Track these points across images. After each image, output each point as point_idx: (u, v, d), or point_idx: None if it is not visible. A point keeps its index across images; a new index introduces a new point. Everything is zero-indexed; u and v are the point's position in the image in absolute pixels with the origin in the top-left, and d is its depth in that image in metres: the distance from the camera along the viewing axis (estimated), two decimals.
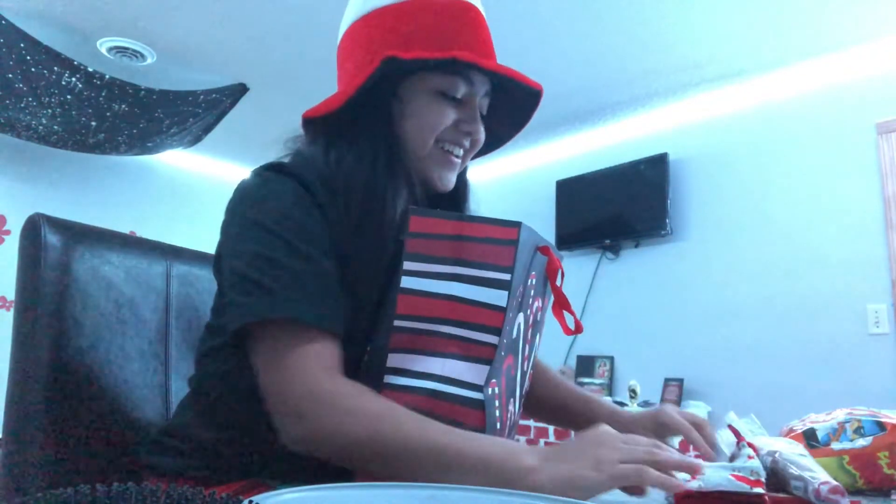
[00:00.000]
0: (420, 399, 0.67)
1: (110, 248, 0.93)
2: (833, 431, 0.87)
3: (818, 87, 3.07)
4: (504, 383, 0.71)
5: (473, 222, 0.68)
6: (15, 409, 0.80)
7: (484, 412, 0.66)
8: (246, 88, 3.21)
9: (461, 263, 0.68)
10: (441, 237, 0.68)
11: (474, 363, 0.68)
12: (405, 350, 0.68)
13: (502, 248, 0.67)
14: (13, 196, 3.75)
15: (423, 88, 0.78)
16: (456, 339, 0.68)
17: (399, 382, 0.68)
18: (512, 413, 0.76)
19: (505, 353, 0.70)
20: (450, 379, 0.67)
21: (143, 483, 0.33)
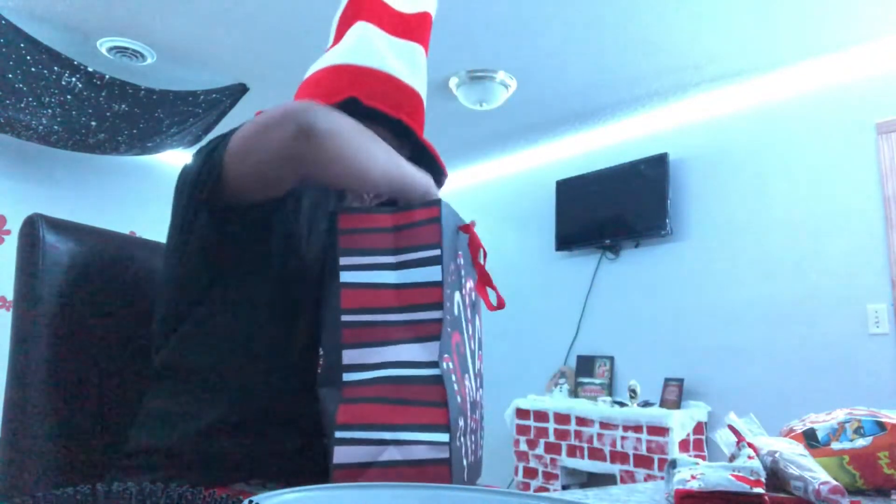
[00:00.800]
0: (381, 388, 0.68)
1: (110, 248, 0.93)
2: (833, 431, 0.87)
3: (818, 87, 3.07)
4: (456, 359, 0.73)
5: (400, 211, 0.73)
6: (15, 409, 0.80)
7: (444, 386, 0.68)
8: (246, 88, 3.21)
9: (398, 252, 0.71)
10: (373, 230, 0.72)
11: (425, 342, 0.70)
12: (358, 345, 0.70)
13: (428, 227, 0.71)
14: (13, 196, 3.75)
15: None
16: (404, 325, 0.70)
17: (358, 377, 0.69)
18: (470, 389, 0.78)
19: (451, 330, 0.73)
20: (405, 362, 0.69)
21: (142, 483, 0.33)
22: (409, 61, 0.94)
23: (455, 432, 0.68)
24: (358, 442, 0.66)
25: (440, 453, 0.66)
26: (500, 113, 3.49)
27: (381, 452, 0.66)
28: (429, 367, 0.69)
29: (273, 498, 0.41)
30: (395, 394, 0.68)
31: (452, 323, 0.73)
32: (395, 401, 0.67)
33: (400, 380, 0.68)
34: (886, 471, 0.81)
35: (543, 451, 3.39)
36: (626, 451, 3.06)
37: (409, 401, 0.67)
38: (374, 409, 0.67)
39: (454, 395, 0.70)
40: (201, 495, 0.32)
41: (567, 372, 3.80)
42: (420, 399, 0.67)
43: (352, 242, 0.71)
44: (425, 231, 0.71)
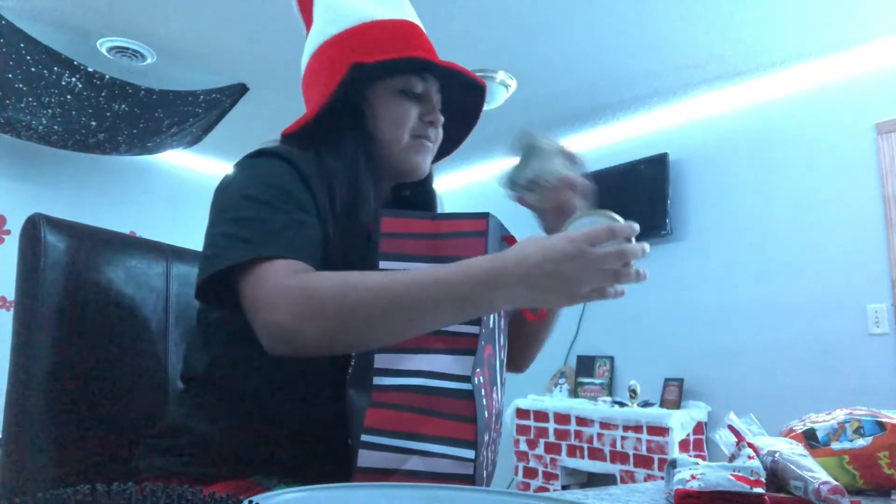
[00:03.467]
0: (411, 397, 0.68)
1: (110, 247, 0.93)
2: (833, 431, 0.87)
3: (818, 87, 3.07)
4: (487, 372, 0.73)
5: (444, 219, 0.71)
6: (15, 409, 0.80)
7: (473, 402, 0.67)
8: (246, 88, 3.21)
9: (437, 259, 0.70)
10: (415, 236, 0.70)
11: (459, 355, 0.69)
12: (391, 350, 0.69)
13: (473, 240, 0.70)
14: (13, 196, 3.75)
15: (387, 90, 0.88)
16: (439, 335, 0.69)
17: (387, 382, 0.69)
18: (496, 401, 0.77)
19: (484, 343, 0.72)
20: (437, 373, 0.69)
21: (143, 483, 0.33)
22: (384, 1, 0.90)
23: (481, 447, 0.68)
24: (383, 448, 0.66)
25: (464, 469, 0.65)
26: (500, 113, 3.49)
27: (406, 461, 0.65)
28: (461, 381, 0.68)
29: (273, 498, 0.41)
30: (425, 404, 0.67)
31: (487, 336, 0.72)
32: (424, 411, 0.67)
33: (431, 390, 0.68)
34: (886, 471, 0.81)
35: (543, 451, 3.39)
36: (626, 451, 3.06)
37: (438, 413, 0.67)
38: (403, 417, 0.67)
39: (482, 411, 0.69)
40: (201, 495, 0.32)
41: (567, 372, 3.80)
42: (449, 412, 0.67)
43: (393, 246, 0.70)
44: (470, 243, 0.70)
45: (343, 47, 0.86)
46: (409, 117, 0.87)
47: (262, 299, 0.67)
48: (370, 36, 0.86)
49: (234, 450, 0.77)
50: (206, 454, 0.77)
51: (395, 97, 0.87)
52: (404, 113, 0.87)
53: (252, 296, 0.69)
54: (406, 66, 0.86)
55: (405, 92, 0.88)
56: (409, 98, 0.88)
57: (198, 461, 0.77)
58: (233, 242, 0.71)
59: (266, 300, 0.67)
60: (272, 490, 0.73)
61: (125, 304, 0.92)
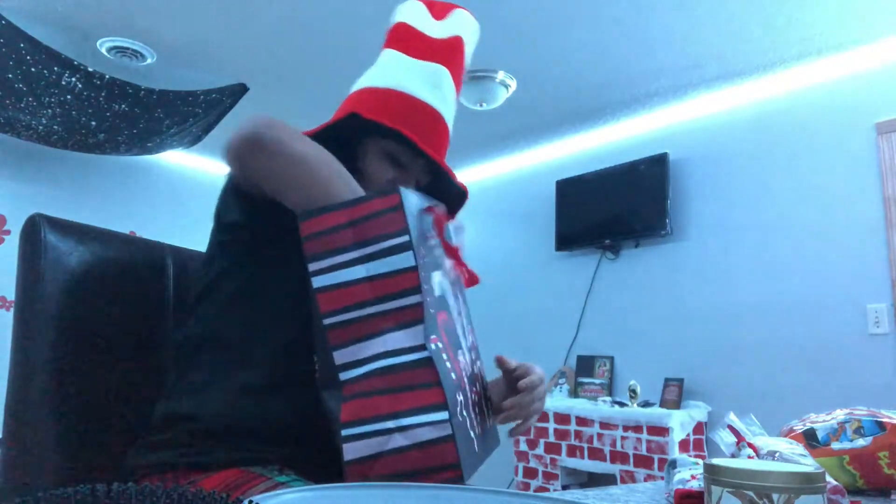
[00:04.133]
0: (376, 381, 0.69)
1: (110, 248, 0.93)
2: (833, 431, 0.87)
3: (818, 87, 3.07)
4: (445, 338, 0.75)
5: (358, 204, 0.73)
6: (15, 409, 0.80)
7: (435, 367, 0.69)
8: (246, 88, 3.21)
9: (362, 245, 0.71)
10: (334, 229, 0.72)
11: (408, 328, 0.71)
12: (345, 343, 0.71)
13: (391, 216, 0.71)
14: (13, 196, 3.75)
15: (377, 147, 0.95)
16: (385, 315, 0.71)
17: (353, 374, 0.71)
18: (465, 364, 0.80)
19: (435, 311, 0.74)
20: (394, 351, 0.70)
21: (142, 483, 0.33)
22: (429, 81, 0.96)
23: (455, 408, 0.70)
24: (364, 436, 0.67)
25: (443, 431, 0.67)
26: (500, 113, 3.49)
27: (388, 442, 0.67)
28: (417, 352, 0.70)
29: (273, 498, 0.41)
30: (391, 383, 0.69)
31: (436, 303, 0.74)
32: (391, 390, 0.68)
33: (391, 369, 0.69)
34: (886, 471, 0.81)
35: (543, 451, 3.39)
36: (626, 451, 3.06)
37: (404, 387, 0.68)
38: (373, 402, 0.69)
39: (447, 374, 0.71)
40: (202, 495, 0.32)
41: (567, 372, 3.80)
42: (414, 383, 0.69)
43: (316, 247, 0.72)
44: (389, 219, 0.71)
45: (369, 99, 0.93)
46: (382, 178, 0.94)
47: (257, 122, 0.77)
48: (391, 100, 0.93)
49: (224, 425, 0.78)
50: (201, 441, 0.78)
51: (381, 156, 0.95)
52: (382, 174, 0.94)
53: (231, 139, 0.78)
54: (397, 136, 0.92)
55: (391, 156, 0.94)
56: (392, 162, 0.95)
57: (193, 450, 0.78)
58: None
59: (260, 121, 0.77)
60: (273, 480, 0.74)
61: (125, 303, 0.92)
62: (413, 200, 0.75)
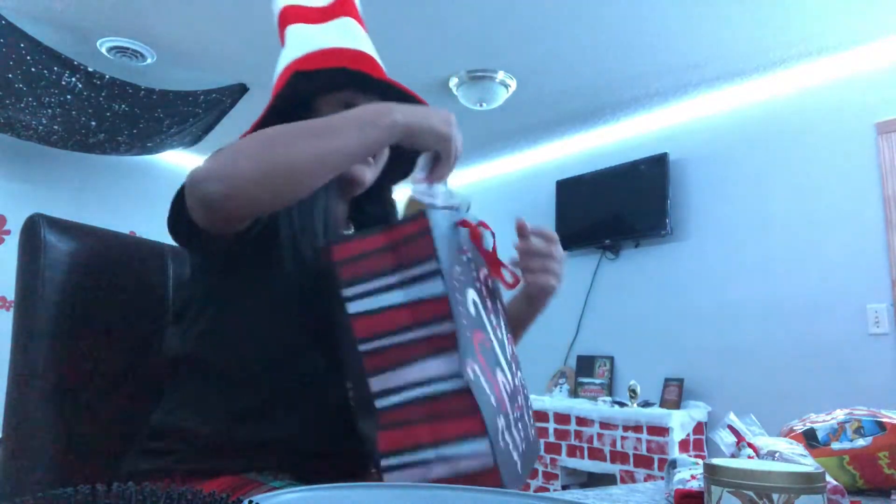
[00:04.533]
0: (413, 409, 0.68)
1: (110, 248, 0.93)
2: (833, 431, 0.87)
3: (818, 86, 3.07)
4: (483, 360, 0.73)
5: (391, 229, 0.71)
6: (15, 409, 0.80)
7: (472, 395, 0.67)
8: (246, 88, 3.21)
9: (398, 270, 0.70)
10: (371, 253, 0.70)
11: (444, 355, 0.69)
12: (381, 370, 0.70)
13: (420, 241, 0.70)
14: (13, 196, 3.75)
15: (330, 103, 0.92)
16: (420, 341, 0.69)
17: (389, 402, 0.69)
18: (505, 381, 0.77)
19: (471, 333, 0.72)
20: (430, 379, 0.69)
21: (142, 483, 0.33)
22: (342, 33, 0.95)
23: (496, 435, 0.68)
24: (404, 466, 0.67)
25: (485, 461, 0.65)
26: (500, 113, 3.49)
27: (429, 472, 0.66)
28: (453, 380, 0.68)
29: (273, 498, 0.41)
30: (429, 412, 0.68)
31: (472, 324, 0.73)
32: (430, 419, 0.67)
33: (429, 398, 0.68)
34: (886, 471, 0.81)
35: (543, 451, 3.39)
36: (626, 451, 3.06)
37: (443, 416, 0.67)
38: (412, 431, 0.67)
39: (486, 400, 0.69)
40: (202, 495, 0.32)
41: (567, 372, 3.80)
42: (453, 412, 0.67)
43: (352, 272, 0.70)
44: (419, 245, 0.70)
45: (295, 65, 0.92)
46: None
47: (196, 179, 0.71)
48: (320, 57, 0.91)
49: (221, 441, 0.78)
50: (196, 451, 0.77)
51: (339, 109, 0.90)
52: None
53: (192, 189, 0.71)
54: (344, 81, 0.90)
55: (348, 105, 0.90)
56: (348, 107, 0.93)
57: (189, 458, 0.77)
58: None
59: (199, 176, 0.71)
60: (268, 485, 0.74)
61: (125, 304, 0.92)
62: (443, 220, 0.73)
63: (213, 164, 0.70)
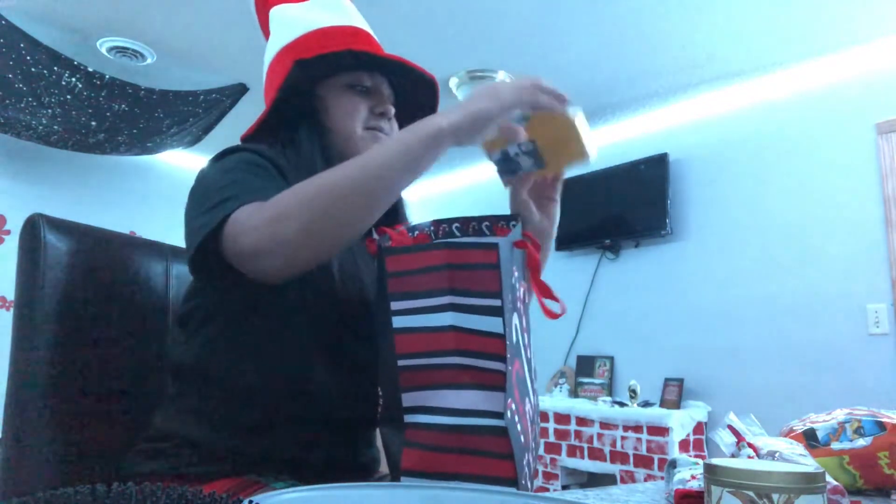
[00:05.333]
0: (443, 436, 0.67)
1: (110, 248, 0.93)
2: (833, 431, 0.87)
3: (818, 87, 3.07)
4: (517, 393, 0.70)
5: (453, 248, 0.67)
6: (15, 409, 0.80)
7: (509, 438, 0.66)
8: (246, 88, 3.21)
9: (453, 293, 0.66)
10: (424, 270, 0.67)
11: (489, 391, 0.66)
12: (417, 387, 0.68)
13: (486, 273, 0.66)
14: (13, 196, 3.75)
15: (335, 85, 0.89)
16: (466, 369, 0.67)
17: (420, 420, 0.68)
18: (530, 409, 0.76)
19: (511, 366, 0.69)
20: (469, 411, 0.66)
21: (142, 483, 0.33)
22: (329, 9, 0.92)
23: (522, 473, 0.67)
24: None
25: None
26: None
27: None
28: (493, 418, 0.66)
29: (273, 498, 0.41)
30: (459, 443, 0.66)
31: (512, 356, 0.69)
32: (459, 450, 0.65)
33: (464, 429, 0.66)
34: (886, 471, 0.81)
35: (543, 451, 3.39)
36: (626, 451, 3.06)
37: (473, 451, 0.65)
38: (438, 458, 0.66)
39: (518, 440, 0.67)
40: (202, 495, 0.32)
41: (567, 372, 3.80)
42: (484, 450, 0.66)
43: (402, 285, 0.67)
44: (484, 276, 0.65)
45: (291, 53, 0.88)
46: (359, 110, 0.89)
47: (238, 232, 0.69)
48: (316, 39, 0.88)
49: (225, 451, 0.77)
50: (196, 455, 0.77)
51: (344, 92, 0.89)
52: (354, 106, 0.89)
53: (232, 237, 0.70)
54: (350, 62, 0.88)
55: (353, 86, 0.89)
56: (357, 92, 0.90)
57: (188, 461, 0.77)
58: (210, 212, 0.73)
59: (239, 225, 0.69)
60: (270, 486, 0.74)
61: (125, 304, 0.92)
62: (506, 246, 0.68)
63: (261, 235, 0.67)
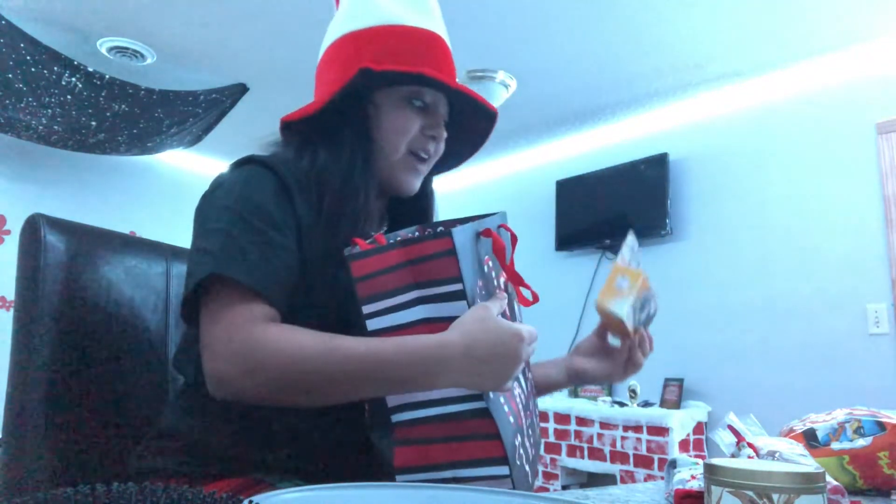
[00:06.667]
0: (430, 428, 0.68)
1: (110, 248, 0.93)
2: (833, 431, 0.87)
3: (818, 87, 3.07)
4: None
5: (412, 244, 0.68)
6: (15, 409, 0.80)
7: (492, 418, 0.66)
8: (246, 88, 3.21)
9: (418, 286, 0.68)
10: (389, 270, 0.68)
11: None
12: None
13: (445, 260, 0.67)
14: (13, 196, 3.75)
15: (394, 96, 0.85)
16: None
17: (407, 417, 0.69)
18: (520, 393, 0.77)
19: None
20: (449, 398, 0.68)
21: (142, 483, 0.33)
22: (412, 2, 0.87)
23: (514, 455, 0.67)
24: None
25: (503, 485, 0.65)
26: (500, 113, 3.48)
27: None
28: (473, 401, 0.67)
29: (273, 498, 0.41)
30: (447, 431, 0.67)
31: None
32: (448, 438, 0.66)
33: (448, 417, 0.67)
34: (886, 471, 0.81)
35: (543, 451, 3.39)
36: (626, 451, 3.06)
37: (461, 437, 0.66)
38: (429, 450, 0.67)
39: (506, 421, 0.69)
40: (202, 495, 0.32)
41: None
42: (471, 433, 0.67)
43: (371, 288, 0.68)
44: (442, 264, 0.66)
45: (359, 46, 0.83)
46: (412, 128, 0.85)
47: (210, 343, 0.70)
48: (389, 40, 0.83)
49: (231, 452, 0.77)
50: (203, 455, 0.77)
51: (401, 104, 0.85)
52: (407, 122, 0.85)
53: (204, 333, 0.71)
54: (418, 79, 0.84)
55: (412, 100, 0.85)
56: (414, 108, 0.86)
57: (195, 461, 0.77)
58: (200, 258, 0.73)
59: (213, 346, 0.69)
60: (275, 486, 0.74)
61: (125, 304, 0.92)
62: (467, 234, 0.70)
63: (230, 373, 0.68)
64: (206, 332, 0.71)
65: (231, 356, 0.68)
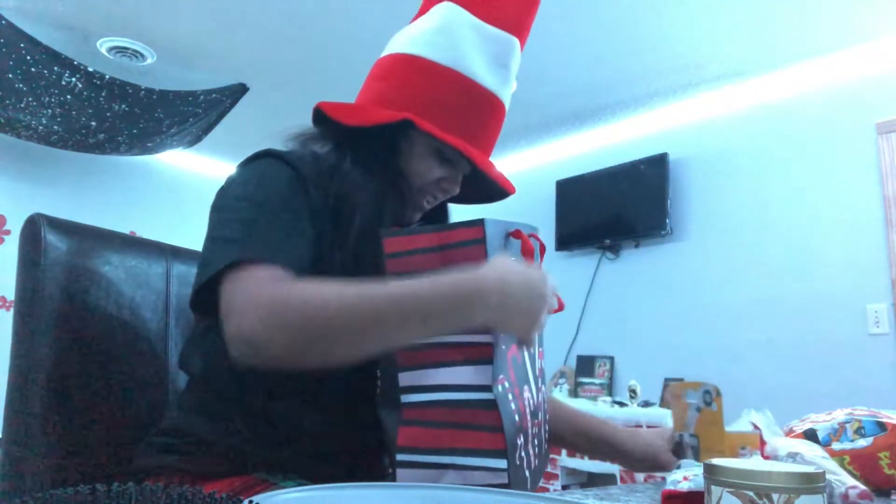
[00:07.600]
0: (438, 411, 0.69)
1: (110, 248, 0.93)
2: (833, 432, 0.87)
3: (818, 87, 3.07)
4: (513, 374, 0.72)
5: (444, 230, 0.70)
6: (15, 409, 0.80)
7: (498, 411, 0.67)
8: (246, 88, 3.21)
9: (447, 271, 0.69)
10: (420, 251, 0.70)
11: (477, 365, 0.69)
12: (413, 367, 0.70)
13: (474, 248, 0.69)
14: (13, 196, 3.75)
15: (427, 143, 0.86)
16: (456, 347, 0.69)
17: (416, 399, 0.70)
18: (530, 398, 0.77)
19: (506, 347, 0.71)
20: (460, 385, 0.69)
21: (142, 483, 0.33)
22: (495, 59, 0.84)
23: (514, 453, 0.68)
24: (419, 465, 0.67)
25: (499, 479, 0.66)
26: None
27: (442, 476, 0.67)
28: (482, 391, 0.68)
29: (273, 498, 0.41)
30: (453, 417, 0.68)
31: (507, 338, 0.72)
32: (453, 425, 0.67)
33: (456, 403, 0.68)
34: (887, 471, 0.81)
35: None
36: None
37: (466, 425, 0.67)
38: (434, 433, 0.68)
39: (511, 416, 0.69)
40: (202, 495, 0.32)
41: (567, 372, 3.80)
42: (476, 423, 0.67)
43: (400, 266, 0.70)
44: (471, 252, 0.69)
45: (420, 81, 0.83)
46: (431, 177, 0.87)
47: (234, 306, 0.68)
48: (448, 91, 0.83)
49: (235, 450, 0.77)
50: (207, 454, 0.77)
51: (430, 153, 0.86)
52: (429, 171, 0.86)
53: (226, 302, 0.69)
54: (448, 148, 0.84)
55: (441, 153, 0.86)
56: (440, 160, 0.87)
57: (199, 459, 0.77)
58: (220, 246, 0.72)
59: (237, 307, 0.67)
60: (278, 486, 0.74)
61: (125, 304, 0.92)
62: (498, 229, 0.72)
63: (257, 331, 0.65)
64: (228, 301, 0.68)
65: (259, 310, 0.65)
